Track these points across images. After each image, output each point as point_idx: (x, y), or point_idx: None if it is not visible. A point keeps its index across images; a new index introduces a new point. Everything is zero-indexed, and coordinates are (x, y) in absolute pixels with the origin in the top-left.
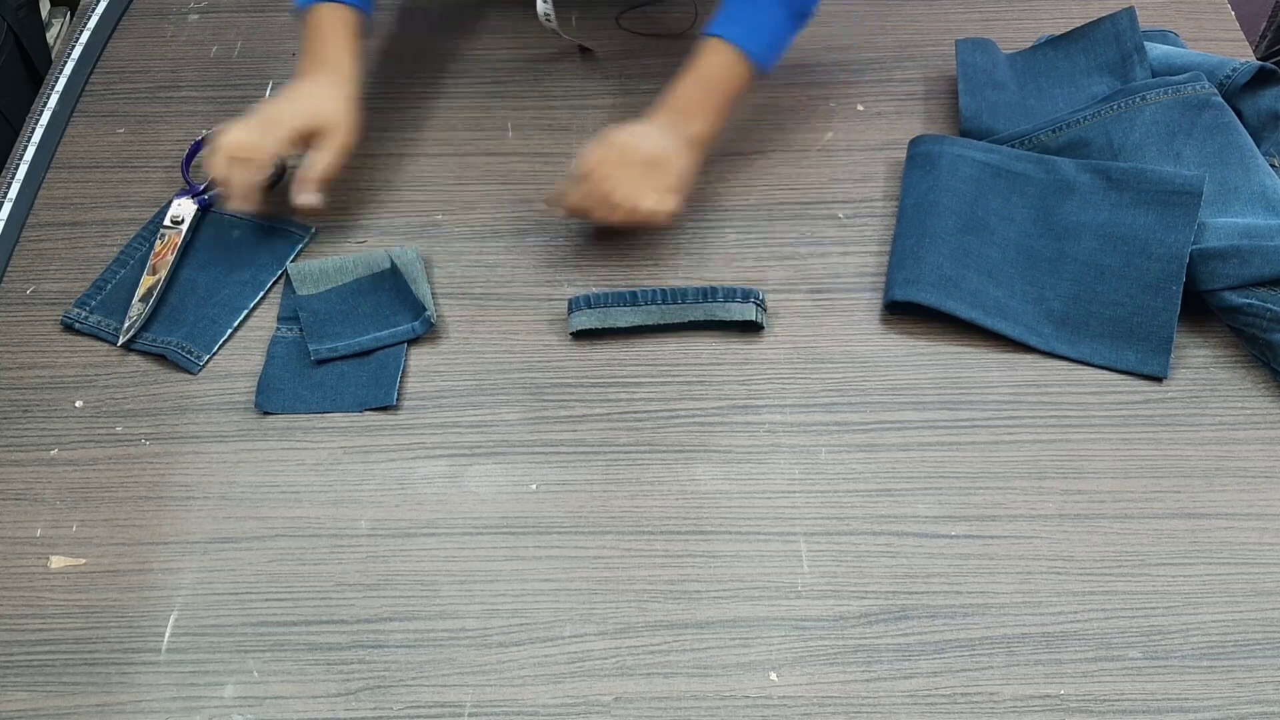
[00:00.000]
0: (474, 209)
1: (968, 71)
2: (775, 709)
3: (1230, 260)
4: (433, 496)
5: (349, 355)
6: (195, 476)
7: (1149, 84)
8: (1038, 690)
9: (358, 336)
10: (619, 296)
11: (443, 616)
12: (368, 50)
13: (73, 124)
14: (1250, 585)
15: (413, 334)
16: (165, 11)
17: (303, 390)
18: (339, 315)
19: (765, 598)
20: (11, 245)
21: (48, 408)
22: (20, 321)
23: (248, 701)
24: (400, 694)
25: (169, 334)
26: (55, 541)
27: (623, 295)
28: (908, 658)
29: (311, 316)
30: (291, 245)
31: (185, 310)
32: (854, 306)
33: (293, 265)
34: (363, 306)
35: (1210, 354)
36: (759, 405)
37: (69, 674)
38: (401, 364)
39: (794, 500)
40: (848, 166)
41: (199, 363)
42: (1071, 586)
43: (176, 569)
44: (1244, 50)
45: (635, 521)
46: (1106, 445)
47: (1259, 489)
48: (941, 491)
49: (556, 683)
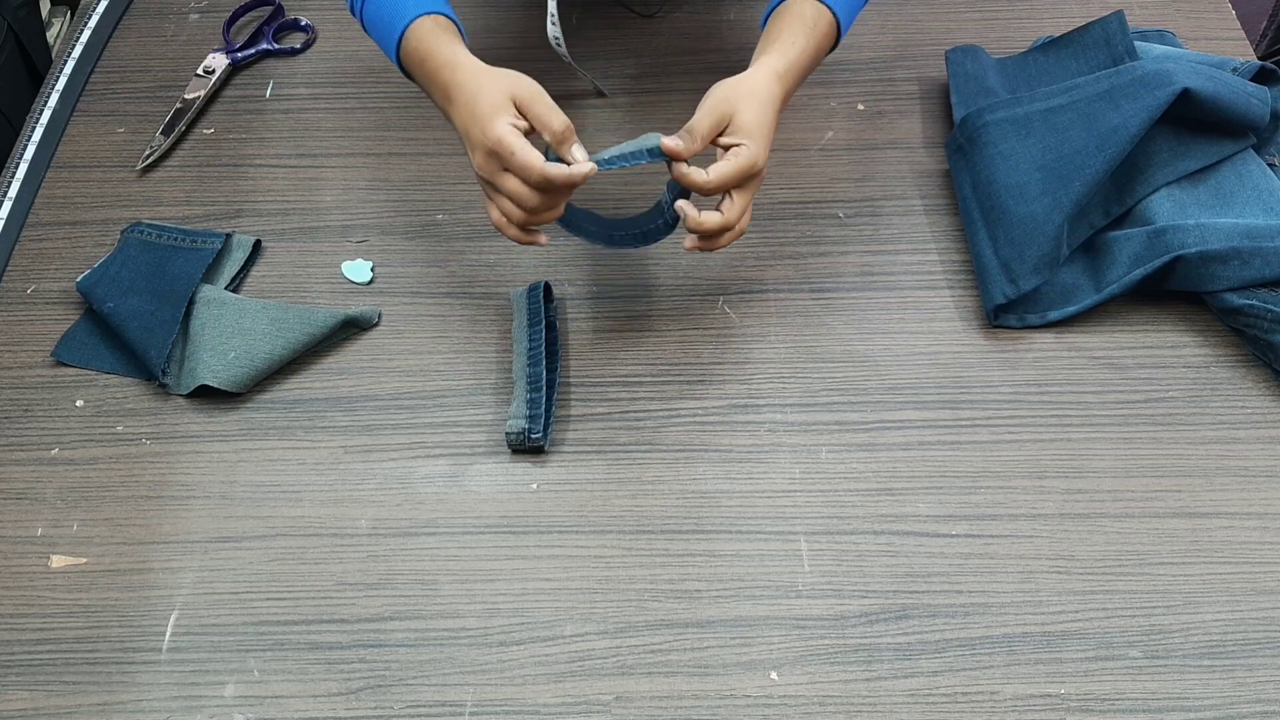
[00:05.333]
0: (474, 209)
1: (959, 81)
2: (776, 708)
3: (1231, 262)
4: (433, 496)
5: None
6: (195, 476)
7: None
8: (1038, 689)
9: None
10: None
11: (443, 616)
12: (367, 50)
13: (73, 124)
14: (1250, 584)
15: (149, 375)
16: (165, 11)
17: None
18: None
19: (766, 597)
20: (11, 245)
21: (48, 407)
22: (20, 321)
23: (248, 700)
24: (401, 693)
25: (128, 369)
26: (56, 541)
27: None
28: (908, 657)
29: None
30: (204, 259)
31: (128, 342)
32: (854, 306)
33: (206, 288)
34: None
35: (1210, 354)
36: (759, 405)
37: (70, 673)
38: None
39: (795, 499)
40: (848, 166)
41: (172, 386)
42: (1072, 586)
43: (177, 568)
44: (1244, 50)
45: (636, 521)
46: (1107, 444)
47: (1259, 488)
48: (942, 491)
49: (557, 682)
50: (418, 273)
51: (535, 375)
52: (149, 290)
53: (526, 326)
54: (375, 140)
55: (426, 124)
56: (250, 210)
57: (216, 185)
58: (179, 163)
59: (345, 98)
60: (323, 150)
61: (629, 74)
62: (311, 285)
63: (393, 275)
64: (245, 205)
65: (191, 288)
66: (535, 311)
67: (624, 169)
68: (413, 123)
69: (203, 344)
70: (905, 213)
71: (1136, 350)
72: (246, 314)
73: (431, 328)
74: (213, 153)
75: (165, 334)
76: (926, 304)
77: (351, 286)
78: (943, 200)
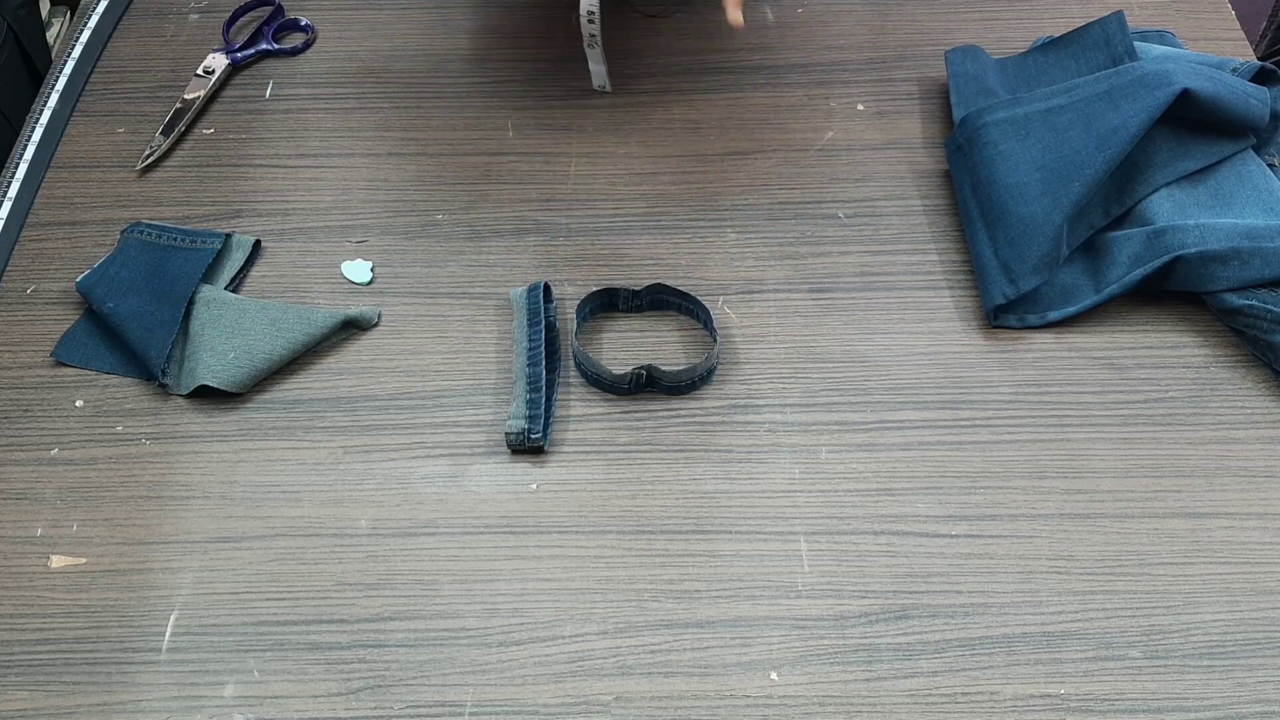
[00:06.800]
0: (474, 209)
1: (959, 81)
2: (776, 708)
3: (1230, 262)
4: (433, 496)
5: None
6: (195, 476)
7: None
8: (1038, 689)
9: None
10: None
11: (443, 616)
12: (367, 50)
13: (73, 124)
14: (1251, 584)
15: (148, 375)
16: (165, 11)
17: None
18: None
19: (765, 597)
20: (11, 245)
21: (48, 407)
22: (20, 321)
23: (248, 701)
24: (400, 693)
25: (128, 369)
26: (55, 541)
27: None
28: (908, 657)
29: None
30: (204, 259)
31: (128, 342)
32: (854, 306)
33: (206, 288)
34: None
35: (1210, 354)
36: (759, 405)
37: (69, 673)
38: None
39: (794, 500)
40: (848, 166)
41: (172, 386)
42: (1072, 586)
43: (177, 568)
44: (1244, 50)
45: (635, 521)
46: (1107, 445)
47: (1259, 489)
48: (942, 491)
49: (557, 682)
50: (417, 273)
51: (535, 375)
52: (149, 290)
53: (526, 326)
54: (375, 140)
55: (426, 124)
56: (250, 210)
57: (216, 185)
58: (179, 163)
59: (345, 98)
60: (323, 150)
61: (629, 74)
62: (311, 285)
63: (392, 275)
64: (245, 205)
65: (191, 288)
66: (535, 311)
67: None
68: (413, 123)
69: (202, 344)
70: (905, 213)
71: (1136, 350)
72: (246, 314)
73: (431, 328)
74: (213, 153)
75: (165, 334)
76: (926, 304)
77: (351, 286)
78: (943, 200)
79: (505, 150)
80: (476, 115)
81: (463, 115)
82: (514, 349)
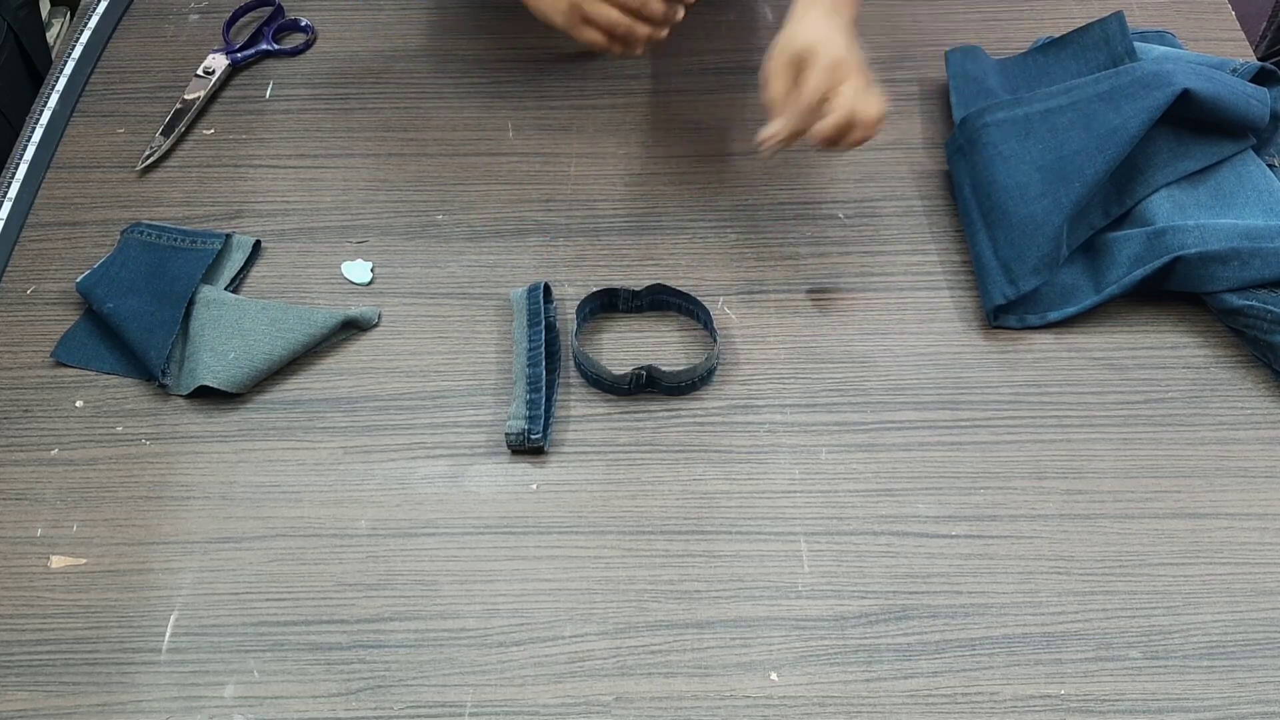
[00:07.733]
0: (474, 209)
1: (959, 82)
2: (775, 709)
3: (1230, 263)
4: (433, 496)
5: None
6: (195, 476)
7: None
8: (1038, 690)
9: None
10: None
11: (443, 616)
12: (367, 51)
13: (73, 124)
14: (1251, 585)
15: (148, 376)
16: (165, 11)
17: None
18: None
19: (765, 598)
20: (11, 245)
21: (48, 408)
22: (20, 321)
23: (248, 701)
24: (400, 694)
25: (128, 369)
26: (55, 541)
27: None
28: (908, 658)
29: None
30: (204, 260)
31: (128, 342)
32: (854, 306)
33: (206, 289)
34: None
35: (1210, 354)
36: (759, 405)
37: (69, 674)
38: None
39: (794, 500)
40: (848, 166)
41: (172, 386)
42: (1072, 586)
43: (177, 569)
44: (1244, 50)
45: (635, 521)
46: (1107, 445)
47: (1259, 489)
48: (942, 491)
49: (557, 682)
50: (417, 273)
51: (535, 376)
52: (149, 291)
53: (526, 327)
54: (375, 140)
55: (426, 124)
56: (250, 211)
57: (216, 186)
58: (179, 163)
59: (345, 98)
60: (323, 150)
61: (628, 74)
62: (311, 286)
63: (392, 275)
64: (245, 206)
65: (191, 288)
66: (535, 312)
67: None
68: (413, 123)
69: (202, 344)
70: (905, 213)
71: (1136, 351)
72: (246, 314)
73: (431, 328)
74: (213, 153)
75: (165, 334)
76: (926, 304)
77: (351, 287)
78: (943, 201)
79: (505, 150)
80: (476, 115)
81: (463, 115)
82: (514, 349)
